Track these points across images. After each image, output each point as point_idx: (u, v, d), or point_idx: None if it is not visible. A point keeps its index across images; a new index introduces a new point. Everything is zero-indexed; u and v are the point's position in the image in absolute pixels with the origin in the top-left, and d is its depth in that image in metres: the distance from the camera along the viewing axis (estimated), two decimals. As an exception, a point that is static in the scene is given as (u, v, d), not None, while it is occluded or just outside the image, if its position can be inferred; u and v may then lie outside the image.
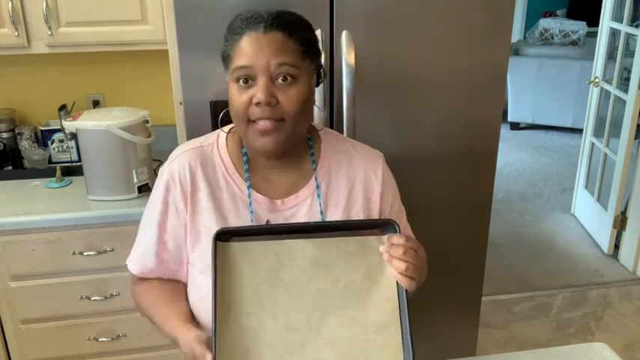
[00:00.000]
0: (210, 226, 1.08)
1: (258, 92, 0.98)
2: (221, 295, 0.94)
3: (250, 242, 0.99)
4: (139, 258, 1.14)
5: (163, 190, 1.10)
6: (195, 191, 1.09)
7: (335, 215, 1.11)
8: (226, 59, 1.03)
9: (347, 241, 1.00)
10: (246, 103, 0.99)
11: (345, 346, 0.95)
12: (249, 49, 0.98)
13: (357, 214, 1.13)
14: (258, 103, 0.98)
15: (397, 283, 0.98)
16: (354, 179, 1.14)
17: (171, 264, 1.13)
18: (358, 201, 1.13)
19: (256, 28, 0.99)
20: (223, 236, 0.98)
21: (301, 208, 1.11)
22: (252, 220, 1.08)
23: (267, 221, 1.10)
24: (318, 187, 1.11)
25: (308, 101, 1.04)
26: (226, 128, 1.14)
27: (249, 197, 1.09)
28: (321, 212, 1.10)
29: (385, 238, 1.00)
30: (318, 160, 1.13)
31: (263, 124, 1.00)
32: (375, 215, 1.15)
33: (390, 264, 0.98)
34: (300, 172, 1.12)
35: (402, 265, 0.96)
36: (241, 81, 1.00)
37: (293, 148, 1.08)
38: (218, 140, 1.13)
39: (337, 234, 1.01)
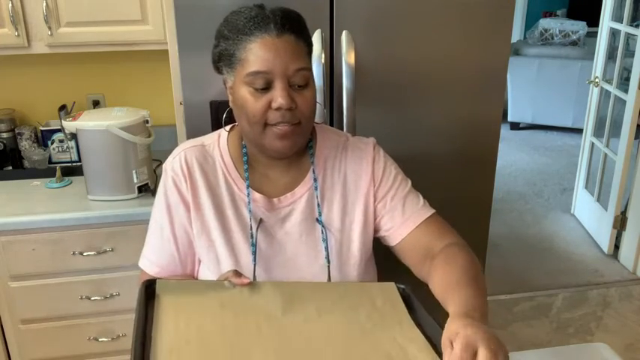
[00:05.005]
0: (210, 222, 1.09)
1: (278, 97, 0.97)
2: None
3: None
4: (152, 257, 1.14)
5: (170, 186, 1.10)
6: (196, 187, 1.10)
7: (332, 209, 1.12)
8: (230, 58, 1.01)
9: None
10: (264, 108, 0.99)
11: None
12: (266, 54, 0.97)
13: (353, 206, 1.13)
14: (278, 108, 0.98)
15: None
16: (345, 172, 1.14)
17: (184, 259, 1.13)
18: (352, 193, 1.14)
19: (268, 29, 0.97)
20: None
21: (298, 205, 1.11)
22: (250, 219, 1.09)
23: (261, 220, 1.10)
24: (315, 180, 1.12)
25: (316, 102, 1.06)
26: (228, 127, 1.14)
27: (248, 196, 1.09)
28: (318, 206, 1.11)
29: None
30: (315, 156, 1.14)
31: (282, 128, 1.00)
32: (372, 202, 1.14)
33: None
34: (298, 170, 1.13)
35: None
36: (258, 86, 0.99)
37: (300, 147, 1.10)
38: (219, 139, 1.14)
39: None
